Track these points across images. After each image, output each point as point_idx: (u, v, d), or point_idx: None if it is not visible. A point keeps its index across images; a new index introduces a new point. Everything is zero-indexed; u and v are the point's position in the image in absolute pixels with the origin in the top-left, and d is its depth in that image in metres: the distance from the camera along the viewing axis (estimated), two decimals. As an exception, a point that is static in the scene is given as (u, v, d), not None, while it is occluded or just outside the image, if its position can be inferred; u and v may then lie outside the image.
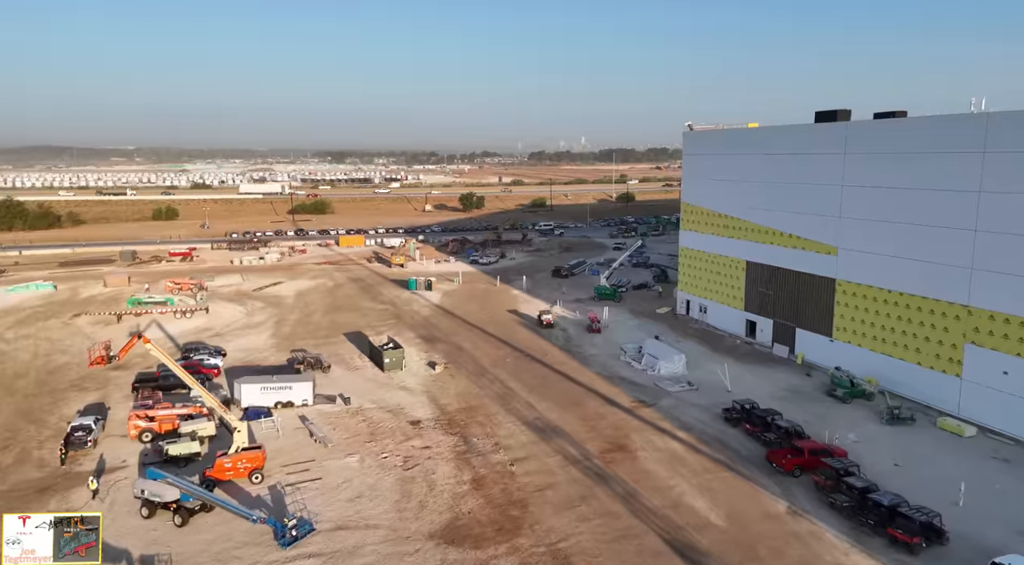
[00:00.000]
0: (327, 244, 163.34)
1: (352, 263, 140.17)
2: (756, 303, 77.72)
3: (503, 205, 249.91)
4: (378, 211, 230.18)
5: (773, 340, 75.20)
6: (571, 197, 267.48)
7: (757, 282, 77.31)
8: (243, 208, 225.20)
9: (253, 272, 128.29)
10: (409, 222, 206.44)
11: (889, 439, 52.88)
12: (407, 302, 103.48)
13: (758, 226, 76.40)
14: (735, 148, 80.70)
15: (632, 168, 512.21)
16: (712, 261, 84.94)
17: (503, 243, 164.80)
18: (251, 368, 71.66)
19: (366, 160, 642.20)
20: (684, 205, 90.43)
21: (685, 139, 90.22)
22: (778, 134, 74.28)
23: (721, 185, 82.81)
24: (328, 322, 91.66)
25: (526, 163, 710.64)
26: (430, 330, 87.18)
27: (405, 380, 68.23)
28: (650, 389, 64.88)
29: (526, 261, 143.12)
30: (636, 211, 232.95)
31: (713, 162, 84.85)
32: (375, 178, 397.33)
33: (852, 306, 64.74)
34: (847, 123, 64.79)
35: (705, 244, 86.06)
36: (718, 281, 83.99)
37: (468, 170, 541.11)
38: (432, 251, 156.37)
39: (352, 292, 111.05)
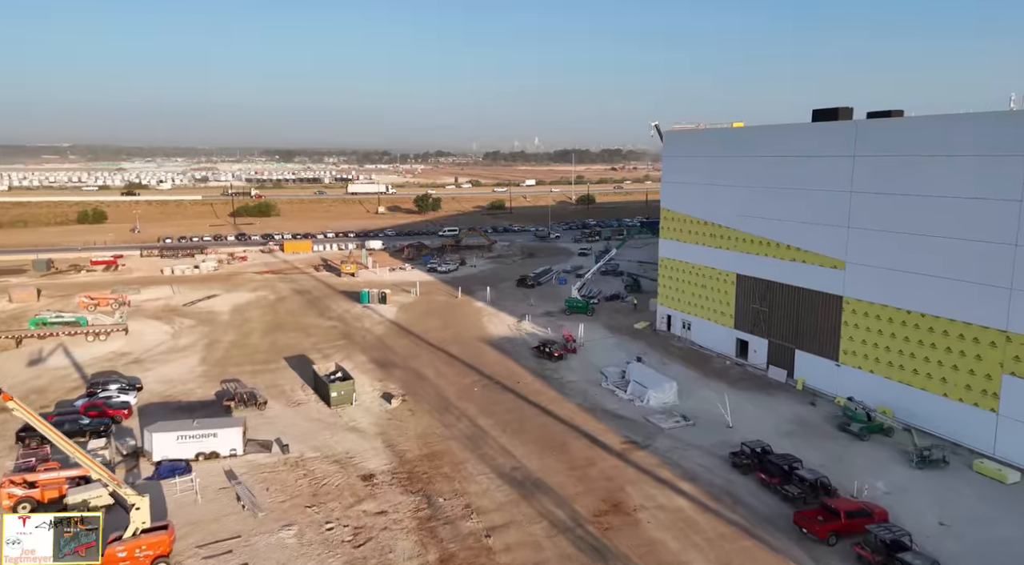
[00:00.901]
0: (271, 250, 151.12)
1: (298, 272, 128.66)
2: (748, 321, 70.37)
3: (460, 207, 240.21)
4: (327, 213, 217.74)
5: (768, 362, 67.91)
6: (530, 199, 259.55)
7: (749, 298, 69.96)
8: (180, 210, 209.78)
9: (186, 283, 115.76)
10: (361, 225, 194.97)
11: (923, 488, 45.67)
12: (358, 318, 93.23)
13: (750, 236, 69.05)
14: (721, 149, 73.27)
15: (588, 169, 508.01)
16: (697, 273, 77.38)
17: (462, 248, 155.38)
18: (171, 405, 60.73)
19: (316, 159, 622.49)
20: (664, 211, 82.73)
21: (665, 139, 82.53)
22: (772, 134, 67.04)
23: (706, 190, 75.30)
24: (268, 344, 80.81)
25: (481, 163, 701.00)
26: (385, 353, 77.28)
27: (356, 418, 58.39)
28: (640, 425, 56.59)
29: (488, 269, 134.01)
30: (597, 214, 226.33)
31: (696, 164, 77.32)
32: (325, 177, 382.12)
33: (863, 327, 57.70)
34: (857, 121, 57.71)
35: (688, 254, 78.47)
36: (704, 295, 76.48)
37: (422, 170, 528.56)
38: (386, 257, 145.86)
39: (296, 306, 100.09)
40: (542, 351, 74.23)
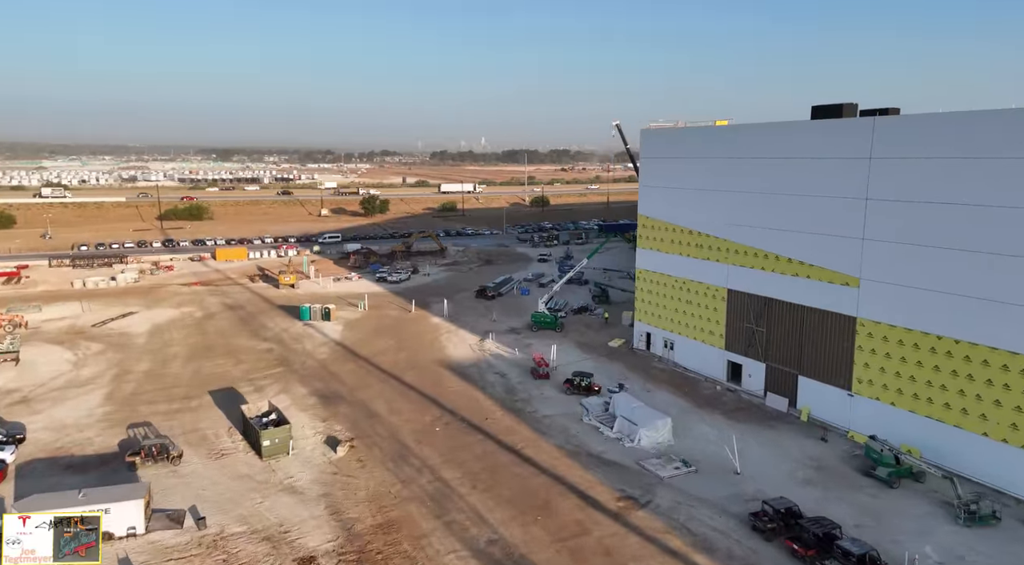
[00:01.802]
0: (201, 258, 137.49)
1: (230, 283, 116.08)
2: (742, 342, 62.96)
3: (409, 208, 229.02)
4: (266, 216, 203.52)
5: (766, 389, 60.58)
6: (482, 200, 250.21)
7: (743, 316, 62.54)
8: (100, 213, 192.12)
9: (100, 298, 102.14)
10: (303, 229, 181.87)
11: (981, 555, 38.58)
12: (298, 338, 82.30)
13: (743, 247, 61.61)
14: (707, 150, 65.72)
15: (538, 169, 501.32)
16: (681, 288, 69.67)
17: (414, 255, 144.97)
18: (61, 462, 49.25)
19: (255, 158, 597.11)
20: (642, 219, 74.82)
21: (643, 138, 74.63)
22: (767, 133, 59.71)
23: (690, 196, 67.64)
24: (190, 374, 69.31)
25: (428, 162, 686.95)
26: (329, 383, 66.90)
27: (293, 473, 48.18)
28: (635, 473, 48.18)
29: (443, 277, 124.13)
30: (553, 216, 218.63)
31: (678, 167, 69.61)
32: (265, 177, 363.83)
33: (881, 353, 50.70)
34: (875, 118, 50.63)
35: (671, 266, 70.69)
36: (689, 312, 68.80)
37: (367, 169, 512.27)
38: (330, 265, 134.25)
39: (227, 325, 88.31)
40: (577, 386, 62.77)
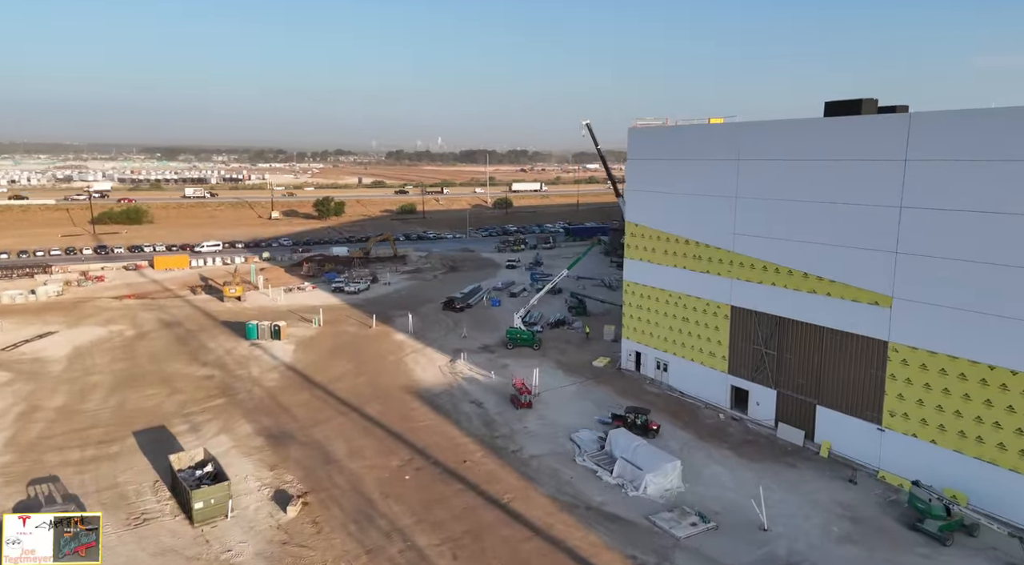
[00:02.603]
0: (137, 267, 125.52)
1: (169, 295, 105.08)
2: (748, 365, 56.33)
3: (366, 211, 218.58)
4: (212, 220, 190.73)
5: (777, 419, 54.03)
6: (443, 202, 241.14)
7: (750, 337, 55.91)
8: (26, 217, 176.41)
9: (14, 315, 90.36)
10: (252, 234, 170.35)
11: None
12: (244, 362, 72.77)
13: (750, 260, 54.98)
14: (707, 151, 58.97)
15: (497, 170, 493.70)
16: (676, 304, 62.78)
17: (372, 261, 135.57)
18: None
19: (203, 157, 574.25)
20: (630, 226, 67.74)
21: (630, 138, 67.54)
22: (781, 132, 53.13)
23: (687, 202, 60.81)
24: (113, 409, 59.41)
25: (384, 162, 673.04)
26: (278, 418, 57.89)
27: (232, 544, 39.34)
28: (645, 532, 40.80)
29: (405, 286, 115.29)
30: (517, 219, 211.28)
31: (671, 169, 62.73)
32: (212, 178, 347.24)
33: (918, 384, 44.50)
34: (912, 114, 44.32)
35: (665, 280, 63.76)
36: (686, 331, 61.96)
37: (320, 169, 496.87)
38: (281, 274, 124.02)
39: (162, 346, 78.05)
40: (631, 424, 53.28)
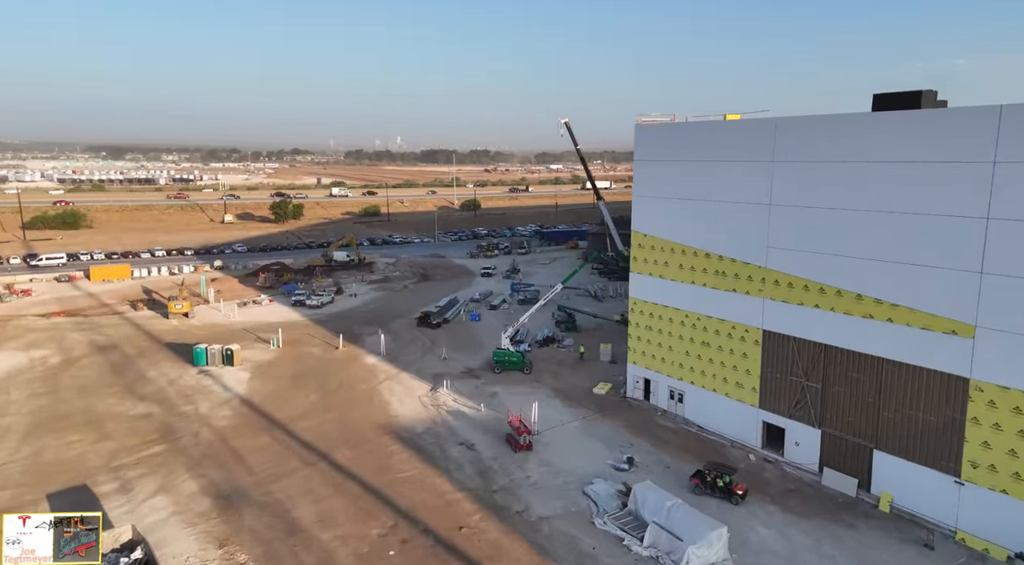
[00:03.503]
0: (71, 278, 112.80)
1: (106, 312, 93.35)
2: (785, 399, 48.75)
3: (327, 213, 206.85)
4: (159, 224, 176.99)
5: (823, 463, 46.52)
6: (407, 204, 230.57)
7: (787, 366, 48.33)
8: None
9: (-82, 340, 77.98)
10: (203, 239, 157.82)
11: None
12: (190, 395, 62.55)
13: (790, 277, 47.40)
14: (731, 151, 51.27)
15: (459, 170, 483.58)
16: (694, 325, 54.95)
17: (336, 269, 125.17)
18: None
19: (152, 157, 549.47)
20: (637, 236, 59.72)
21: (637, 136, 59.50)
22: (829, 129, 45.50)
23: (707, 209, 53.05)
24: (25, 462, 48.82)
25: (343, 162, 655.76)
26: (230, 470, 48.14)
27: None
28: (698, 628, 32.64)
29: (373, 298, 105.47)
30: (486, 221, 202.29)
31: (688, 172, 54.90)
32: (161, 178, 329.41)
33: (1010, 429, 37.39)
34: (1001, 107, 37.01)
35: (679, 298, 55.89)
36: (707, 357, 54.16)
37: (277, 169, 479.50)
38: (234, 285, 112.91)
39: (93, 377, 67.16)
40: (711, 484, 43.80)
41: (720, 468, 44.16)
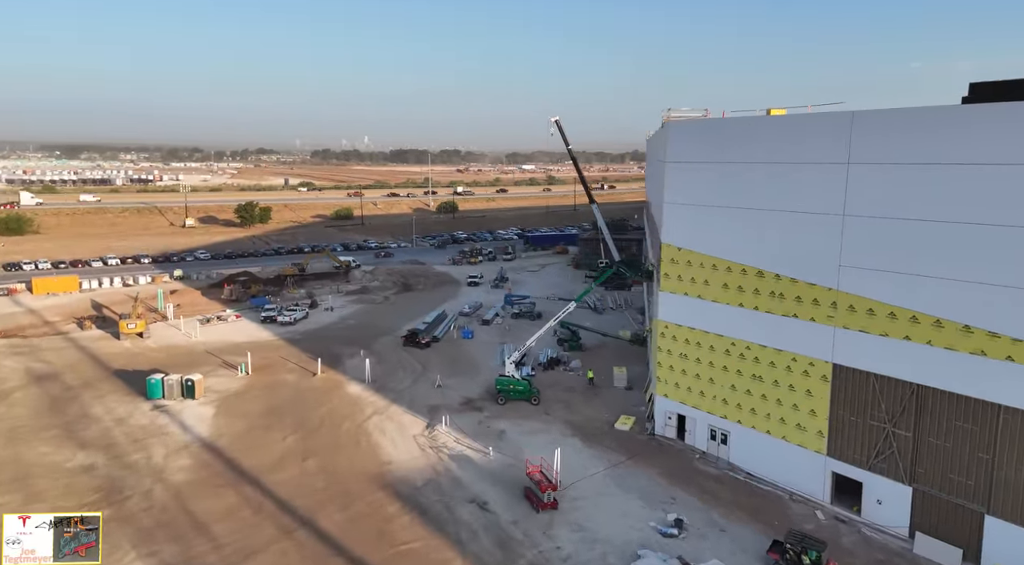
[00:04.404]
0: (11, 291, 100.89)
1: (47, 332, 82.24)
2: (862, 447, 41.06)
3: (296, 216, 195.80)
4: (114, 229, 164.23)
5: (914, 526, 38.87)
6: (381, 206, 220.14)
7: (864, 407, 40.67)
8: None
9: None
10: (162, 245, 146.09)
11: None
12: (141, 439, 52.73)
13: (870, 302, 39.72)
14: (794, 151, 43.49)
15: (431, 170, 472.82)
16: (740, 355, 47.07)
17: (309, 279, 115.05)
18: None
19: (109, 156, 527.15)
20: (668, 250, 51.65)
21: (670, 134, 51.45)
22: (924, 123, 37.80)
23: (760, 220, 45.23)
24: (-77, 546, 38.59)
25: (310, 162, 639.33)
26: (188, 545, 38.73)
27: None
28: None
29: (352, 312, 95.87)
30: (465, 224, 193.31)
31: (735, 175, 47.04)
32: (118, 179, 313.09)
33: None
34: None
35: (721, 322, 48.00)
36: (759, 392, 46.29)
37: (240, 169, 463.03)
38: (196, 298, 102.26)
39: (25, 416, 56.78)
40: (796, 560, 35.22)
41: (806, 541, 36.10)
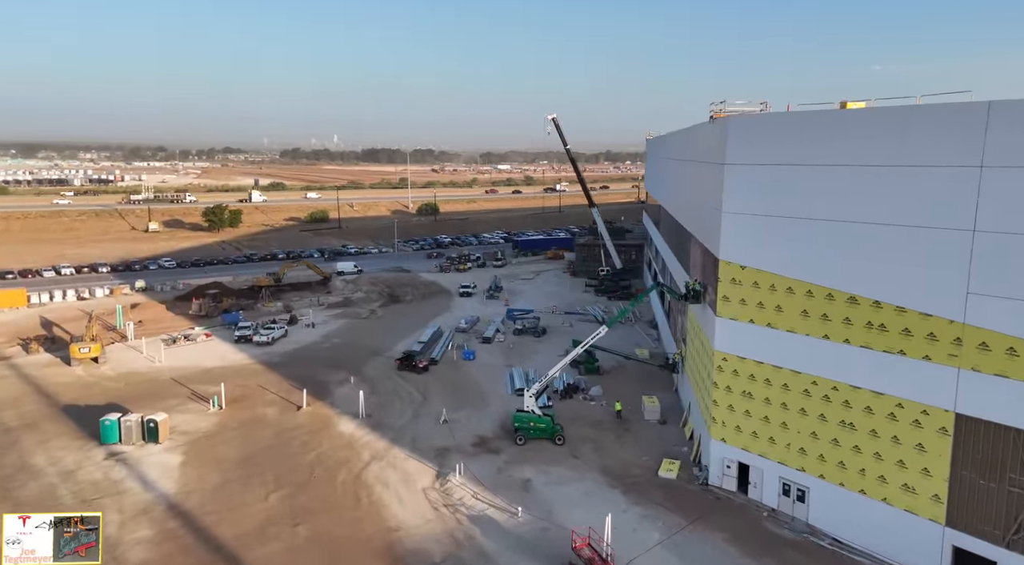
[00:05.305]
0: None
1: (-16, 359, 71.54)
2: (995, 517, 33.54)
3: (268, 219, 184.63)
4: (70, 234, 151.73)
5: (1068, 619, 31.41)
6: (357, 208, 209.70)
7: (999, 468, 33.16)
8: None
9: None
10: (123, 252, 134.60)
11: None
12: (90, 501, 43.19)
13: (1011, 340, 32.17)
14: (901, 151, 35.73)
15: (406, 170, 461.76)
16: (825, 397, 39.30)
17: (286, 290, 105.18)
18: None
19: (67, 155, 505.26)
20: (728, 269, 43.69)
21: (730, 131, 43.48)
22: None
23: (852, 234, 37.50)
24: None
25: (279, 161, 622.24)
26: None
27: None
28: None
29: (336, 329, 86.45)
30: (447, 228, 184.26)
31: (817, 180, 39.30)
32: (76, 179, 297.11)
33: None
34: None
35: (798, 356, 40.23)
36: (848, 442, 38.56)
37: (206, 168, 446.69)
38: (161, 313, 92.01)
39: (-55, 474, 46.70)
40: None
41: None
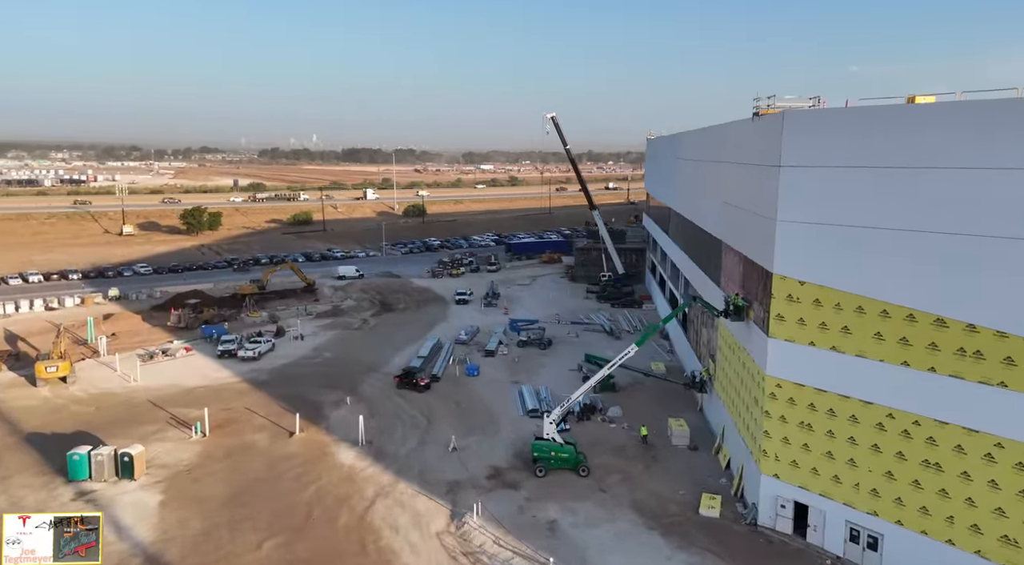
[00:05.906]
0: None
1: (-62, 380, 64.73)
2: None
3: (249, 222, 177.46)
4: (37, 238, 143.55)
5: None
6: (342, 209, 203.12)
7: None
8: None
9: None
10: (95, 257, 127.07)
11: None
12: (55, 559, 37.06)
13: None
14: (997, 152, 31.09)
15: (388, 170, 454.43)
16: (903, 431, 34.65)
17: (270, 298, 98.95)
18: None
19: (38, 155, 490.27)
20: (783, 284, 38.87)
21: (786, 129, 38.64)
22: None
23: (937, 246, 32.85)
24: None
25: (257, 161, 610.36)
26: None
27: None
28: None
29: (326, 341, 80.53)
30: (436, 230, 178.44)
31: (890, 184, 34.60)
32: (46, 180, 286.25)
33: None
34: None
35: (868, 385, 35.57)
36: (932, 485, 33.92)
37: (183, 168, 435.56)
38: (136, 324, 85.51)
39: None
40: None
41: None
